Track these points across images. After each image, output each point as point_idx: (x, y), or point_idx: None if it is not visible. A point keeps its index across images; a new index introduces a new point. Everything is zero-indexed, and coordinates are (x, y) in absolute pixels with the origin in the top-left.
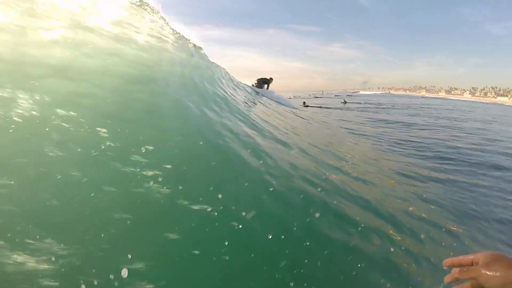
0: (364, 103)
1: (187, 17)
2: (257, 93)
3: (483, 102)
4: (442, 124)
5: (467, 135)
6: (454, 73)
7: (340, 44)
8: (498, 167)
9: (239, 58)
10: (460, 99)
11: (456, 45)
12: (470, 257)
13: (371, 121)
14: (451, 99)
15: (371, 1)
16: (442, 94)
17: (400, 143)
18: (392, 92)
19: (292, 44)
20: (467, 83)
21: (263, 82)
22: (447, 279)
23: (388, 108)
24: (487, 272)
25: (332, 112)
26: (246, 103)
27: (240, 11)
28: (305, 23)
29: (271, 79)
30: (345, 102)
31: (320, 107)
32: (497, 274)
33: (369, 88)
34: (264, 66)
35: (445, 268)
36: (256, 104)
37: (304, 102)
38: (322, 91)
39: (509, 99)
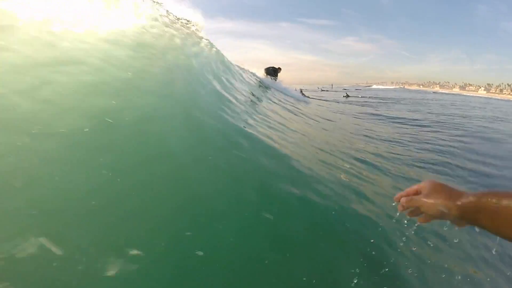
0: (369, 97)
1: (199, 9)
2: (264, 87)
3: (498, 99)
4: (435, 120)
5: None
6: (469, 69)
7: (353, 37)
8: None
9: (252, 50)
10: (475, 95)
11: (471, 41)
12: (415, 187)
13: (363, 115)
14: (465, 95)
15: None
16: (456, 90)
17: (370, 137)
18: (406, 87)
19: (304, 38)
20: (482, 79)
21: (273, 71)
22: (399, 208)
23: (391, 103)
24: (427, 202)
25: (331, 104)
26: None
27: (253, 4)
28: (318, 17)
29: (279, 68)
30: (347, 96)
31: (320, 99)
32: (436, 203)
33: (382, 82)
34: (276, 59)
35: (395, 202)
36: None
37: (301, 91)
38: (332, 85)
39: None
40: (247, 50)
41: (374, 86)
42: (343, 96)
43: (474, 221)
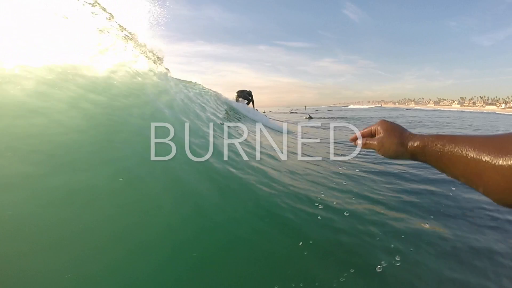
0: (336, 117)
1: (179, 33)
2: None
3: (471, 112)
4: None
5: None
6: (442, 84)
7: (331, 59)
8: None
9: (231, 74)
10: (449, 109)
11: (444, 57)
12: (368, 128)
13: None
14: (439, 110)
15: (360, 16)
16: (431, 106)
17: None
18: (383, 105)
19: (283, 60)
20: (455, 93)
21: (246, 96)
22: (350, 139)
23: (352, 122)
24: (382, 147)
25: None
26: None
27: (232, 28)
28: (296, 40)
29: (250, 92)
30: (309, 118)
31: (279, 120)
32: (390, 148)
33: (359, 102)
34: (255, 82)
35: (350, 141)
36: None
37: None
38: (305, 106)
39: (498, 107)
40: (226, 74)
41: (351, 106)
42: (305, 118)
43: (423, 161)
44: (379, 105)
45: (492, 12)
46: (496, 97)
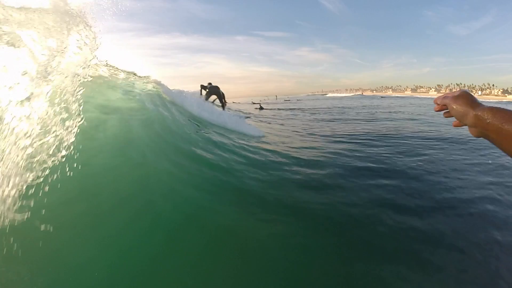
0: (295, 108)
1: (155, 25)
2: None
3: None
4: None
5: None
6: (419, 72)
7: (308, 48)
8: None
9: (208, 65)
10: (426, 96)
11: (420, 46)
12: (451, 93)
13: None
14: (416, 97)
15: (337, 6)
16: (408, 93)
17: None
18: (364, 93)
19: (261, 50)
20: (432, 81)
21: (217, 91)
22: (435, 108)
23: (314, 113)
24: (453, 104)
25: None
26: None
27: (208, 19)
28: (273, 29)
29: (209, 84)
30: (260, 108)
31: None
32: (459, 106)
33: (337, 90)
34: (232, 72)
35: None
36: None
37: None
38: (276, 96)
39: (474, 94)
40: (203, 65)
41: (330, 94)
42: (255, 108)
43: (483, 133)
44: (360, 93)
45: (468, 2)
46: (472, 84)
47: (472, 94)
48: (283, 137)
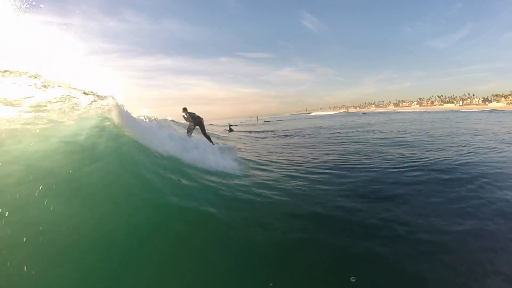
0: (265, 131)
1: (140, 47)
2: None
3: (430, 111)
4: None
5: None
6: (400, 86)
7: (290, 68)
8: None
9: (193, 87)
10: (409, 110)
11: (401, 61)
12: None
13: None
14: (399, 112)
15: (318, 26)
16: (391, 108)
17: None
18: (350, 110)
19: (244, 71)
20: (414, 94)
21: (200, 121)
22: None
23: (285, 136)
24: None
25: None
26: None
27: (192, 40)
28: (256, 50)
29: (184, 110)
30: (230, 130)
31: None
32: None
33: (321, 108)
34: (217, 94)
35: None
36: None
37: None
38: (257, 117)
39: (456, 105)
40: (188, 87)
41: (314, 113)
42: (225, 130)
43: None
44: (345, 110)
45: (444, 16)
46: (453, 95)
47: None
48: None
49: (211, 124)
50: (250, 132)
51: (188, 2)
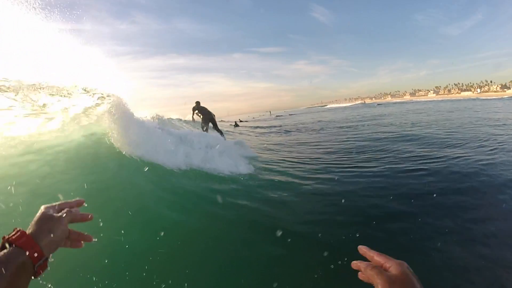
0: (271, 126)
1: (151, 47)
2: None
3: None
4: None
5: None
6: (416, 75)
7: (304, 61)
8: None
9: (208, 84)
10: (425, 99)
11: (415, 50)
12: (382, 259)
13: None
14: (415, 101)
15: (329, 18)
16: (407, 97)
17: None
18: (367, 101)
19: (257, 66)
20: (430, 83)
21: (212, 118)
22: (353, 265)
23: (288, 131)
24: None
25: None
26: None
27: (204, 38)
28: (268, 45)
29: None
30: (235, 125)
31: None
32: None
33: (336, 100)
34: (231, 90)
35: (360, 252)
36: None
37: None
38: (270, 111)
39: (473, 92)
40: (203, 84)
41: (329, 106)
42: (230, 125)
43: None
44: (362, 101)
45: (457, 2)
46: (470, 82)
47: (408, 273)
48: None
49: (222, 121)
50: (256, 127)
51: (196, 1)
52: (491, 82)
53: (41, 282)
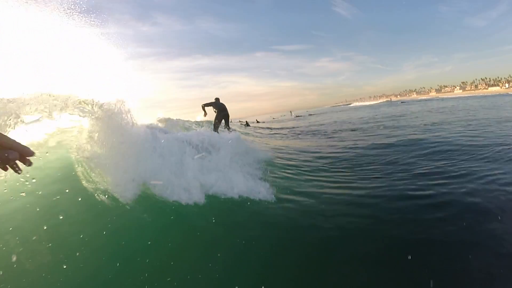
0: (281, 127)
1: (175, 48)
2: None
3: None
4: None
5: None
6: (442, 70)
7: (328, 58)
8: None
9: (232, 84)
10: (451, 96)
11: (440, 43)
12: None
13: None
14: (440, 98)
15: (352, 12)
16: (433, 94)
17: None
18: (393, 99)
19: (281, 65)
20: (456, 78)
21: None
22: None
23: (298, 133)
24: None
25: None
26: None
27: (227, 38)
28: (291, 43)
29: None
30: (246, 125)
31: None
32: None
33: (361, 98)
34: (255, 90)
35: None
36: None
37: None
38: (291, 112)
39: (501, 87)
40: (227, 84)
41: (354, 104)
42: (242, 124)
43: None
44: (389, 99)
45: None
46: (498, 77)
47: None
48: None
49: (240, 121)
50: (267, 128)
51: (217, 0)
52: None
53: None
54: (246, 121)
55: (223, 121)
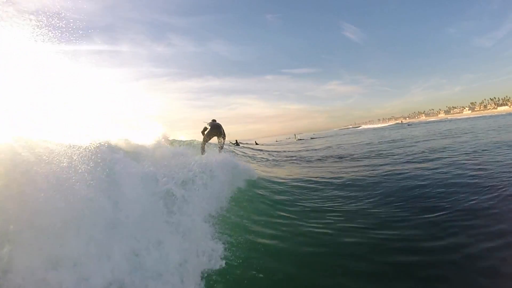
0: (273, 151)
1: (188, 69)
2: None
3: (484, 117)
4: None
5: None
6: (451, 92)
7: (337, 81)
8: None
9: (241, 106)
10: (460, 117)
11: (448, 65)
12: None
13: None
14: (449, 120)
15: (360, 36)
16: (441, 115)
17: None
18: (403, 121)
19: (290, 87)
20: (465, 99)
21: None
22: None
23: (289, 159)
24: None
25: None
26: None
27: (238, 61)
28: (301, 66)
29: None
30: (236, 144)
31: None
32: None
33: (370, 121)
34: (265, 112)
35: None
36: None
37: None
38: (295, 135)
39: (510, 107)
40: (237, 106)
41: (363, 126)
42: (231, 143)
43: None
44: (399, 121)
45: (488, 12)
46: (507, 96)
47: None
48: None
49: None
50: (258, 150)
51: (229, 24)
52: None
53: None
54: (236, 140)
55: (221, 140)
